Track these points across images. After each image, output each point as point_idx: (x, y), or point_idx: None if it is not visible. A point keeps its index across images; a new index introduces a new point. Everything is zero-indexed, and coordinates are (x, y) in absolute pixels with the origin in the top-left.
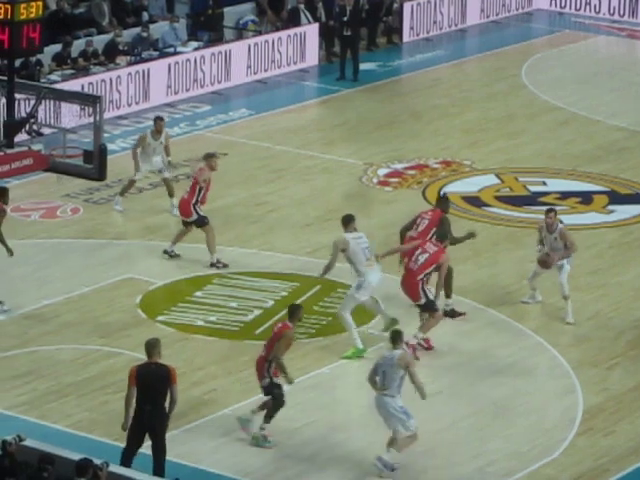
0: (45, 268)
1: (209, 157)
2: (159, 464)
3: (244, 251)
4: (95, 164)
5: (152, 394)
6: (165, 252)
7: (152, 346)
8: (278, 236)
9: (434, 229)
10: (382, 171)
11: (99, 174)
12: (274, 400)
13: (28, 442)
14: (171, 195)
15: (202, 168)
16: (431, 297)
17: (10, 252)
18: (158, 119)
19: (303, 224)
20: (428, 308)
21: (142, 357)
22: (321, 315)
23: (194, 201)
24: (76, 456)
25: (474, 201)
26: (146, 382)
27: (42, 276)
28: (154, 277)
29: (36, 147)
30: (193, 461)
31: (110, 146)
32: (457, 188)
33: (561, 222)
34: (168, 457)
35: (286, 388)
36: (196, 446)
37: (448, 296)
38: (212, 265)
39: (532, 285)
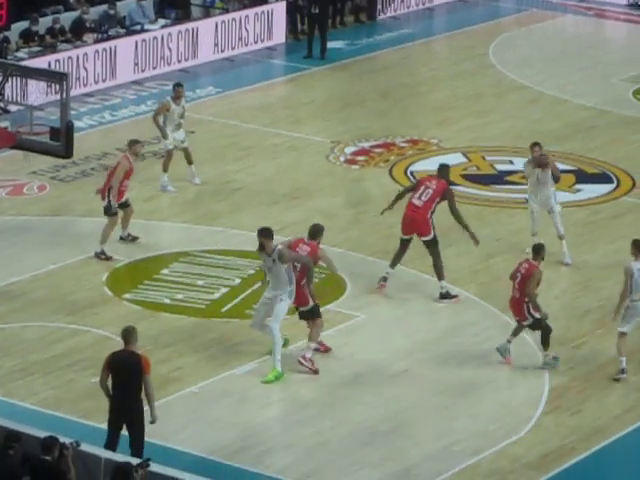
0: (12, 246)
1: (133, 144)
2: (136, 453)
3: (212, 229)
4: (62, 141)
5: (124, 382)
6: (121, 238)
7: (128, 333)
8: (245, 214)
9: (438, 199)
10: (349, 149)
11: (66, 151)
12: (544, 331)
13: None
14: (190, 162)
15: (126, 156)
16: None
17: None
18: (177, 85)
19: (270, 202)
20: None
21: (107, 335)
22: None
23: (110, 186)
24: (42, 434)
25: None
26: (119, 370)
27: (9, 254)
28: (121, 255)
29: (2, 124)
30: (160, 439)
31: (77, 123)
32: (424, 167)
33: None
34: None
35: None
36: (163, 424)
37: (441, 279)
38: (96, 255)
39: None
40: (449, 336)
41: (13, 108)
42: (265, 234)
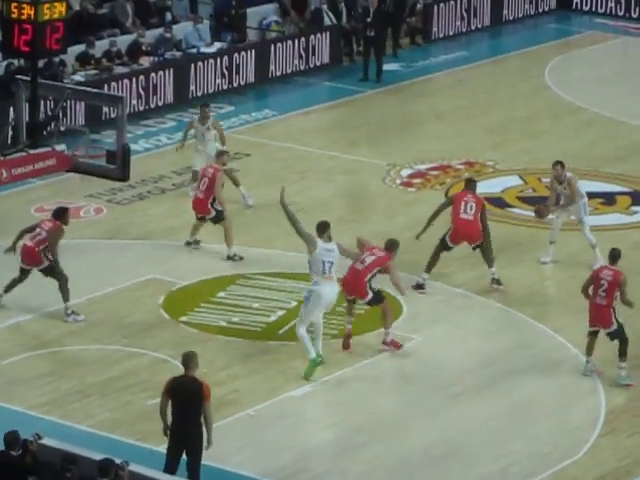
0: (69, 269)
1: (221, 154)
2: (193, 477)
3: (268, 252)
4: (118, 164)
5: (184, 408)
6: (187, 243)
7: (189, 358)
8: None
9: (480, 210)
10: (405, 172)
11: (122, 174)
12: (623, 340)
13: (51, 442)
14: (237, 184)
15: (216, 167)
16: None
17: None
18: (203, 106)
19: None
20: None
21: (163, 357)
22: (343, 316)
23: (211, 200)
24: (99, 456)
25: (497, 202)
26: (180, 395)
27: None
28: (177, 277)
29: (59, 147)
30: (216, 461)
31: (133, 146)
32: (480, 189)
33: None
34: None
35: None
36: (219, 447)
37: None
38: (229, 258)
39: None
40: (505, 358)
41: (70, 131)
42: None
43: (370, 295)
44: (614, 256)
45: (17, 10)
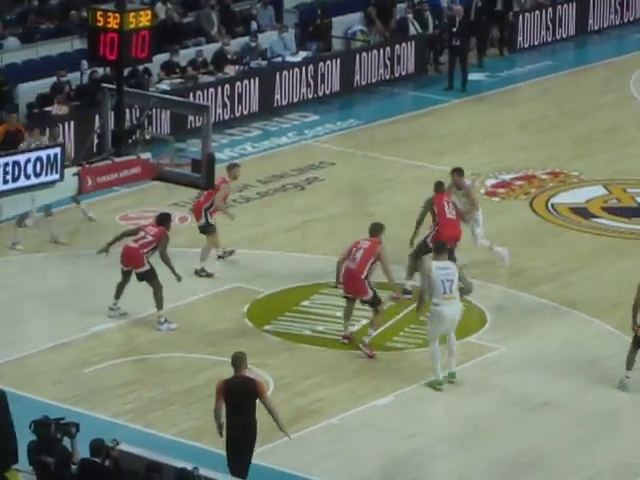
0: None
1: (232, 167)
2: (239, 474)
3: None
4: (203, 173)
5: (240, 408)
6: (220, 257)
7: (239, 360)
8: (385, 246)
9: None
10: (490, 181)
11: (207, 183)
12: None
13: (135, 450)
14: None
15: (225, 179)
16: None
17: (178, 278)
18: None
19: (410, 235)
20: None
21: (247, 367)
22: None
23: (207, 206)
24: (182, 465)
25: (581, 212)
26: (234, 396)
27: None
28: (261, 286)
29: (144, 156)
30: (301, 471)
31: (218, 155)
32: (565, 199)
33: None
34: (275, 465)
35: None
36: (303, 456)
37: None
38: (196, 272)
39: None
40: (589, 368)
41: (155, 140)
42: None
43: (371, 294)
44: None
45: (103, 19)
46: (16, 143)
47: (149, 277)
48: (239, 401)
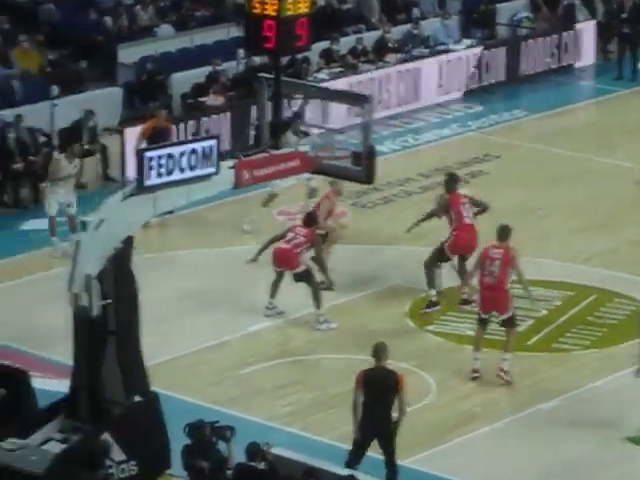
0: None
1: (336, 183)
2: (390, 467)
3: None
4: (363, 166)
5: (379, 399)
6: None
7: (380, 350)
8: (552, 242)
9: None
10: None
11: (367, 177)
12: None
13: (292, 455)
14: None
15: (327, 195)
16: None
17: (330, 283)
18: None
19: (578, 230)
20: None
21: (408, 367)
22: (595, 326)
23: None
24: (342, 470)
25: None
26: (374, 387)
27: None
28: (423, 285)
29: (303, 148)
30: (459, 476)
31: (379, 147)
32: None
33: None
34: (434, 471)
35: None
36: (464, 460)
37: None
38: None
39: None
40: None
41: (314, 131)
42: None
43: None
44: None
45: (260, 6)
46: (163, 142)
47: (307, 277)
48: (379, 393)
